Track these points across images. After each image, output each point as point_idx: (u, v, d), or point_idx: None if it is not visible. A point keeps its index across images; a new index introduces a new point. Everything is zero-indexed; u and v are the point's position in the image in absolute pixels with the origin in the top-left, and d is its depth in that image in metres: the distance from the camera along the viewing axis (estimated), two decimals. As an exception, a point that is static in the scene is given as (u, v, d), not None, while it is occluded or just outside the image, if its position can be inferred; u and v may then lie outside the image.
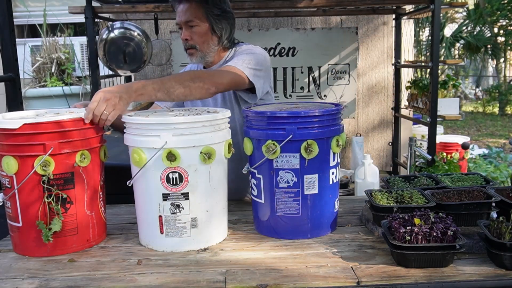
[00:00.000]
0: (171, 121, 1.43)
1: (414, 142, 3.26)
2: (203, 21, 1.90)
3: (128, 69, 3.61)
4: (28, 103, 4.26)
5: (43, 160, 1.40)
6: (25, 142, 1.40)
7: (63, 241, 1.48)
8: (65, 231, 1.48)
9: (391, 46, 4.59)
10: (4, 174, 1.45)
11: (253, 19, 4.55)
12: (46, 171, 1.41)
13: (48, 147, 1.40)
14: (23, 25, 5.20)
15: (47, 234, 1.43)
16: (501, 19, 12.06)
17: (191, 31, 1.91)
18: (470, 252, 1.39)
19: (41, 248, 1.47)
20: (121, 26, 3.56)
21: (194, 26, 1.90)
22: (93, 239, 1.55)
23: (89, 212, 1.53)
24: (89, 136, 1.50)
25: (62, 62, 4.39)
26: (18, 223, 1.47)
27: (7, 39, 2.05)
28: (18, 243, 1.50)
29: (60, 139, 1.42)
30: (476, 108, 13.32)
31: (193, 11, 1.89)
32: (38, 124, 1.41)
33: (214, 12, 1.90)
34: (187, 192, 1.46)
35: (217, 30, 1.92)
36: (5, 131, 1.41)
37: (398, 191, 1.66)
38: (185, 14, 1.89)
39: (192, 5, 1.89)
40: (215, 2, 1.91)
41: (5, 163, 1.41)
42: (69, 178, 1.46)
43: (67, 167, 1.45)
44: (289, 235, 1.56)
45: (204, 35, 1.91)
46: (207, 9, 1.89)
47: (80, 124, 1.46)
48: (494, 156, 5.02)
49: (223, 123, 1.54)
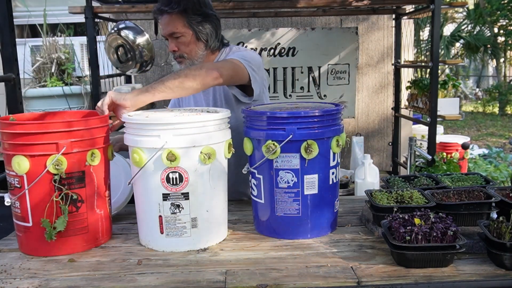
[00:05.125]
0: (171, 121, 1.43)
1: (414, 142, 3.26)
2: (187, 30, 1.90)
3: (134, 69, 3.60)
4: (28, 103, 4.25)
5: (56, 159, 1.40)
6: (38, 141, 1.40)
7: (73, 240, 1.48)
8: (76, 229, 1.48)
9: (391, 46, 4.59)
10: (13, 174, 1.44)
11: (253, 19, 4.54)
12: (58, 170, 1.41)
13: (61, 146, 1.40)
14: (23, 25, 5.19)
15: (51, 233, 1.43)
16: (501, 19, 12.05)
17: (176, 42, 1.91)
18: (470, 252, 1.39)
19: (51, 248, 1.46)
20: (128, 26, 3.55)
21: (179, 36, 1.90)
22: (101, 238, 1.56)
23: (99, 210, 1.53)
24: (99, 135, 1.50)
25: (62, 62, 4.39)
26: (28, 223, 1.46)
27: (7, 39, 2.05)
28: (27, 243, 1.49)
29: (72, 138, 1.42)
30: (476, 108, 13.31)
31: (175, 22, 1.88)
32: (50, 124, 1.41)
33: (195, 20, 1.89)
34: (187, 192, 1.46)
35: (201, 36, 1.92)
36: (15, 129, 1.41)
37: (398, 191, 1.66)
38: (168, 27, 1.89)
39: (173, 16, 1.88)
40: (195, 9, 1.89)
41: (16, 163, 1.40)
42: (81, 177, 1.47)
43: (79, 166, 1.46)
44: (289, 235, 1.56)
45: (190, 43, 1.92)
46: (188, 18, 1.88)
47: (90, 123, 1.47)
48: (494, 156, 5.01)
49: (223, 123, 1.54)
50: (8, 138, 1.43)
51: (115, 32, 3.45)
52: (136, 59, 3.51)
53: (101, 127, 1.51)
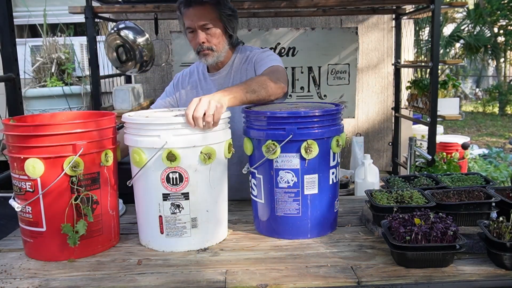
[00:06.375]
0: (171, 121, 1.43)
1: (414, 142, 3.26)
2: (218, 23, 1.90)
3: (134, 69, 3.60)
4: (28, 103, 4.25)
5: (73, 161, 1.38)
6: (54, 143, 1.37)
7: (89, 243, 1.46)
8: (92, 232, 1.46)
9: (391, 46, 4.59)
10: (25, 178, 1.39)
11: (253, 19, 4.54)
12: (75, 172, 1.39)
13: (78, 147, 1.39)
14: (23, 25, 5.20)
15: (75, 237, 1.40)
16: (501, 19, 12.04)
17: (207, 33, 1.90)
18: (470, 252, 1.39)
19: (67, 252, 1.43)
20: (128, 26, 3.55)
21: (210, 28, 1.89)
22: (114, 239, 1.55)
23: (111, 211, 1.53)
24: (111, 135, 1.50)
25: (62, 62, 4.39)
26: (42, 228, 1.42)
27: (7, 39, 2.05)
28: (40, 249, 1.44)
29: (88, 139, 1.41)
30: (476, 108, 13.31)
31: (209, 14, 1.88)
32: (66, 125, 1.39)
33: (226, 13, 1.91)
34: (187, 192, 1.46)
35: (229, 30, 1.94)
36: (28, 131, 1.37)
37: (398, 191, 1.66)
38: (201, 18, 1.88)
39: (206, 8, 1.88)
40: (225, 3, 1.92)
41: (30, 166, 1.36)
42: (96, 178, 1.46)
43: (94, 167, 1.44)
44: (289, 235, 1.56)
45: (220, 36, 1.92)
46: (221, 11, 1.89)
47: (103, 123, 1.46)
48: (494, 156, 5.01)
49: (224, 123, 1.54)
50: (19, 141, 1.38)
51: (115, 32, 3.45)
52: (136, 59, 3.51)
53: (111, 128, 1.51)
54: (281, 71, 1.85)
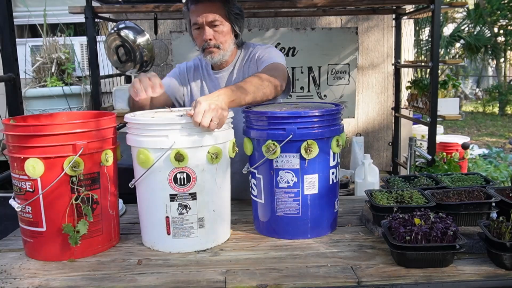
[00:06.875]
0: (179, 121, 1.42)
1: (414, 142, 3.26)
2: (226, 21, 1.90)
3: (134, 69, 3.60)
4: (28, 103, 4.25)
5: (73, 161, 1.38)
6: (54, 143, 1.37)
7: (89, 243, 1.46)
8: (92, 232, 1.45)
9: (391, 46, 4.59)
10: (25, 177, 1.39)
11: (253, 19, 4.55)
12: (76, 171, 1.39)
13: (78, 147, 1.39)
14: (23, 25, 5.20)
15: (76, 237, 1.40)
16: (501, 19, 12.04)
17: (214, 30, 1.89)
18: (470, 252, 1.39)
19: (67, 252, 1.43)
20: (128, 26, 3.55)
21: (218, 25, 1.89)
22: (114, 239, 1.55)
23: (111, 211, 1.53)
24: (111, 135, 1.50)
25: (62, 62, 4.39)
26: (42, 228, 1.42)
27: (7, 39, 2.05)
28: (40, 249, 1.44)
29: (89, 139, 1.41)
30: (476, 108, 13.31)
31: (217, 11, 1.88)
32: (66, 124, 1.39)
33: (234, 12, 1.91)
34: (195, 192, 1.46)
35: (236, 29, 1.94)
36: (28, 131, 1.37)
37: (398, 191, 1.66)
38: (209, 14, 1.87)
39: (215, 4, 1.88)
40: (233, 2, 1.92)
41: (30, 166, 1.36)
42: (96, 178, 1.45)
43: (94, 167, 1.44)
44: (289, 235, 1.56)
45: (227, 34, 1.92)
46: (229, 9, 1.90)
47: (103, 123, 1.46)
48: (494, 156, 5.01)
49: (227, 123, 1.54)
50: (19, 141, 1.38)
51: (115, 32, 3.45)
52: (136, 59, 3.51)
53: (112, 127, 1.51)
54: (280, 68, 1.84)
